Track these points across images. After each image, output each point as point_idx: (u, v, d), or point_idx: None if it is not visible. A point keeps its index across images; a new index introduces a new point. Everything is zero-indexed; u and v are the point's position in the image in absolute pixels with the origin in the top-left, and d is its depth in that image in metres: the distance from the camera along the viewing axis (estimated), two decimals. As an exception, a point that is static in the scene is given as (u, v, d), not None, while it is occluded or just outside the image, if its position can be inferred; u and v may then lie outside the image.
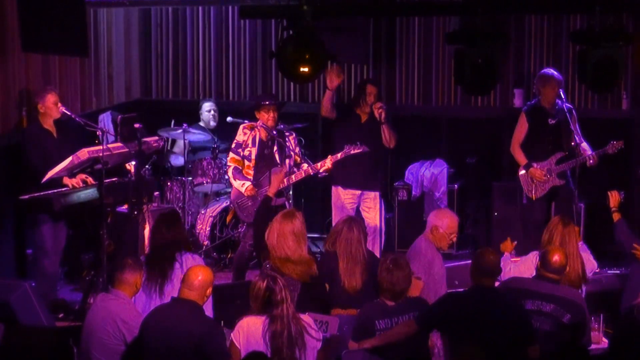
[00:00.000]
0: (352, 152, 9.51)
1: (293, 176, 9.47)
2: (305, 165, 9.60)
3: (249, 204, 9.49)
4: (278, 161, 9.52)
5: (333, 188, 10.23)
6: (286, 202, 9.64)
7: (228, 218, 9.95)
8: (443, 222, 7.99)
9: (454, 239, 8.10)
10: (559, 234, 7.80)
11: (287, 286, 6.65)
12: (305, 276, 7.52)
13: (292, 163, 9.60)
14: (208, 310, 7.22)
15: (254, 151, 9.54)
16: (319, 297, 7.65)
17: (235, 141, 9.63)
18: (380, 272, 7.08)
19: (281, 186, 9.10)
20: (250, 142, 9.55)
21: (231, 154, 9.62)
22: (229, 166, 9.62)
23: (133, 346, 6.75)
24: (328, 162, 9.48)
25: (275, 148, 9.58)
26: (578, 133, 10.03)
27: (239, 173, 9.54)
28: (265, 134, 9.57)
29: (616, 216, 8.50)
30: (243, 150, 9.55)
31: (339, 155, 9.51)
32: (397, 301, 7.01)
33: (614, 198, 8.58)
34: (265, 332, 6.50)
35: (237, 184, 9.50)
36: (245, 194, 9.45)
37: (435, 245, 8.01)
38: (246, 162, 9.57)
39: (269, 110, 9.48)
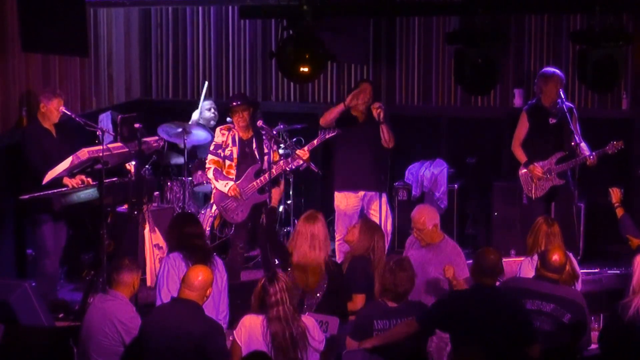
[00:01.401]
0: (327, 136, 9.64)
1: (273, 170, 9.49)
2: (281, 160, 9.65)
3: (234, 205, 9.47)
4: (258, 159, 9.52)
5: (336, 193, 10.21)
6: (267, 199, 9.66)
7: (216, 223, 9.92)
8: None
9: (414, 234, 8.17)
10: (544, 235, 7.83)
11: (288, 289, 6.63)
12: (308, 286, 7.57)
13: (270, 160, 9.60)
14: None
15: (235, 150, 9.55)
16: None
17: (213, 143, 9.65)
18: (384, 273, 7.09)
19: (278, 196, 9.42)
20: (230, 141, 9.56)
21: (210, 156, 9.62)
22: (208, 168, 9.60)
23: (132, 347, 6.75)
24: (305, 149, 9.54)
25: (254, 146, 9.58)
26: (578, 133, 10.04)
27: (219, 174, 9.55)
28: (245, 134, 9.56)
29: (620, 211, 8.49)
30: (223, 151, 9.56)
31: (315, 141, 9.63)
32: (399, 302, 7.01)
33: (615, 194, 8.57)
34: (265, 333, 6.51)
35: (219, 184, 9.50)
36: (229, 194, 9.45)
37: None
38: (227, 162, 9.57)
39: (238, 111, 9.49)
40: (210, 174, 9.59)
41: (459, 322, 6.76)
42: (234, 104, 9.57)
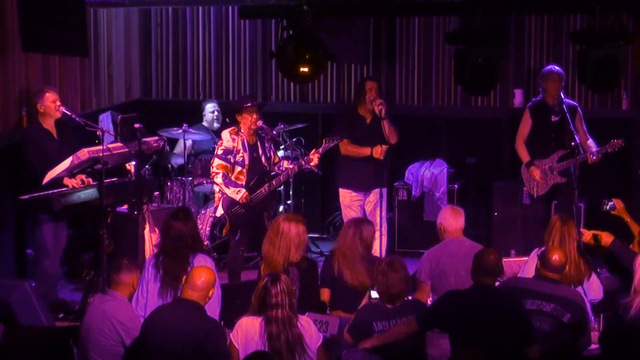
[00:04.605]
0: (331, 144, 9.59)
1: (281, 177, 9.47)
2: (285, 163, 9.59)
3: (242, 211, 9.40)
4: (265, 164, 9.45)
5: (340, 189, 10.27)
6: (272, 204, 9.64)
7: (225, 230, 9.88)
8: None
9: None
10: (558, 232, 7.83)
11: (289, 291, 6.63)
12: None
13: (272, 163, 9.57)
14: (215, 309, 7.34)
15: (246, 157, 9.33)
16: None
17: (222, 147, 9.32)
18: (376, 276, 7.08)
19: None
20: (240, 147, 9.32)
21: (218, 160, 9.31)
22: (216, 173, 9.31)
23: (133, 347, 6.75)
24: (315, 159, 9.46)
25: (261, 151, 9.47)
26: (585, 131, 10.08)
27: (228, 180, 9.33)
28: (252, 138, 9.46)
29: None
30: (234, 157, 9.31)
31: (320, 149, 9.54)
32: (395, 304, 7.00)
33: (603, 239, 8.53)
34: (263, 334, 6.50)
35: (230, 191, 9.27)
36: (240, 202, 9.28)
37: None
38: (238, 168, 9.33)
39: (252, 112, 9.30)
40: (219, 180, 9.30)
41: (458, 322, 6.76)
42: (248, 105, 9.34)
